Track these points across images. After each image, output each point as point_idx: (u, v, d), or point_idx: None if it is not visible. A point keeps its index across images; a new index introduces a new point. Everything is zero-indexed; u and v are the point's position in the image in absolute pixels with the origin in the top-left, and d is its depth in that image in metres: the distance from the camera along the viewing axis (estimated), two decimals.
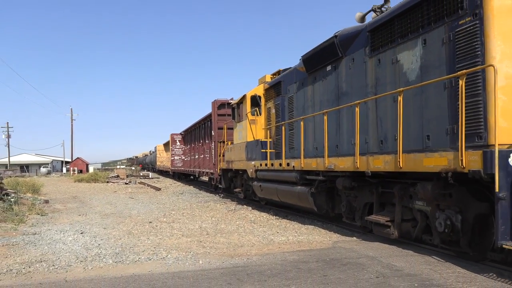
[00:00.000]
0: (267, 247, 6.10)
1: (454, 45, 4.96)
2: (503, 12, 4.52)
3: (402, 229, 5.74)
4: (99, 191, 20.33)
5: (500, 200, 4.06)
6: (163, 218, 9.45)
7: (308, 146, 8.21)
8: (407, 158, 5.30)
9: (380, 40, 6.29)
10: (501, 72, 4.50)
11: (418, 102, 5.49)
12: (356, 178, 6.58)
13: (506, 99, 4.47)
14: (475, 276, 4.21)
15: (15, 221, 8.92)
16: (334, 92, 7.51)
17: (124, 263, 5.24)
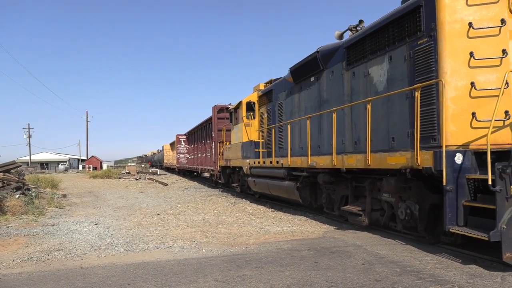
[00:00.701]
0: (264, 237, 6.13)
1: (414, 61, 5.28)
2: (453, 35, 4.83)
3: (372, 218, 6.09)
4: (112, 186, 20.45)
5: (447, 192, 4.40)
6: (170, 211, 9.48)
7: (295, 146, 8.54)
8: (374, 157, 5.63)
9: (355, 56, 6.60)
10: (451, 85, 4.83)
11: (385, 109, 5.81)
12: (334, 174, 6.93)
13: (455, 108, 4.79)
14: (451, 262, 4.32)
15: (35, 213, 9.02)
16: (317, 100, 7.83)
17: (134, 252, 5.29)
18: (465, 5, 4.85)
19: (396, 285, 3.65)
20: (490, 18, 4.80)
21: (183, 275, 4.10)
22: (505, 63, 4.73)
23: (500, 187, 3.95)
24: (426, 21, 5.10)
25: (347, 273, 4.06)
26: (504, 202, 3.95)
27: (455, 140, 4.74)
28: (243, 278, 3.95)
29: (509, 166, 3.97)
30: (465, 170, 4.43)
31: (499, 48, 4.75)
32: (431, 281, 3.72)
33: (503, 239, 3.90)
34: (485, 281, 3.68)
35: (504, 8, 4.78)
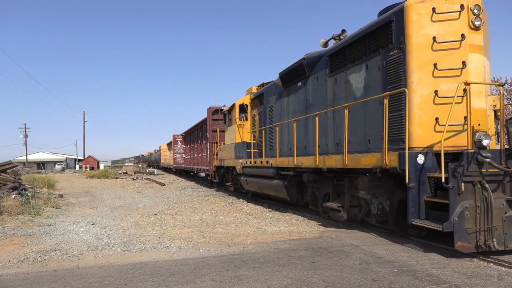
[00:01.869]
0: (261, 237, 6.17)
1: (386, 70, 5.89)
2: (419, 48, 5.45)
3: (350, 213, 6.71)
4: (109, 186, 20.47)
5: (410, 189, 5.02)
6: (167, 211, 9.52)
7: (284, 147, 9.15)
8: (351, 157, 6.24)
9: (336, 64, 7.22)
10: (417, 93, 5.45)
11: (362, 114, 6.42)
12: (317, 173, 7.55)
13: (421, 113, 5.41)
14: (449, 262, 4.41)
15: (32, 213, 8.95)
16: (304, 104, 8.43)
17: (131, 252, 5.30)
18: (430, 21, 5.46)
19: (393, 284, 3.69)
20: (452, 33, 5.41)
21: (180, 275, 4.14)
22: (464, 74, 5.34)
23: (453, 184, 4.56)
24: (397, 34, 5.71)
25: (344, 273, 4.10)
26: (456, 197, 4.56)
27: (421, 142, 5.35)
28: (241, 278, 3.99)
29: (459, 166, 4.57)
30: (427, 169, 5.04)
31: (459, 60, 5.37)
32: (428, 280, 3.78)
33: (455, 230, 4.52)
34: (481, 280, 3.76)
35: (464, 24, 5.39)
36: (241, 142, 11.63)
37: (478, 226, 4.56)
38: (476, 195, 4.62)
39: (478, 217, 4.57)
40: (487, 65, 5.57)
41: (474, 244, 4.57)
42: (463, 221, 4.54)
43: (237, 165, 11.90)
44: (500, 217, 4.67)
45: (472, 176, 4.64)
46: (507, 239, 4.67)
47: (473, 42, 5.38)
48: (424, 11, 5.47)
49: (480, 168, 4.67)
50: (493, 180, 4.77)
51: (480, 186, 4.63)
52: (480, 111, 5.35)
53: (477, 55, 5.40)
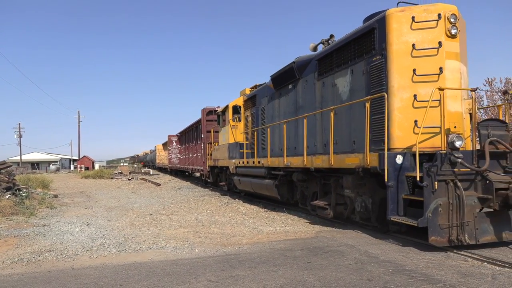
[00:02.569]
0: (257, 237, 6.22)
1: (370, 75, 6.26)
2: (400, 54, 5.82)
3: (336, 211, 7.08)
4: (104, 186, 20.55)
5: (389, 187, 5.39)
6: (163, 211, 9.58)
7: (275, 148, 9.50)
8: (336, 157, 6.61)
9: (324, 68, 7.58)
10: (397, 97, 5.81)
11: (348, 116, 6.78)
12: (306, 173, 7.91)
13: (401, 116, 5.77)
14: (443, 261, 4.49)
15: (26, 214, 8.97)
16: (294, 106, 8.79)
17: (126, 252, 5.32)
18: (409, 29, 5.83)
19: (389, 284, 3.74)
20: (430, 41, 5.78)
21: (176, 276, 4.17)
22: (441, 79, 5.72)
23: (427, 183, 4.93)
24: (379, 41, 6.07)
25: (340, 272, 4.14)
26: (430, 195, 4.93)
27: (401, 143, 5.71)
28: (236, 278, 4.02)
29: (433, 165, 4.94)
30: (405, 169, 5.40)
31: (436, 66, 5.74)
32: (423, 280, 3.83)
33: (429, 225, 4.88)
34: (476, 280, 3.83)
35: (441, 32, 5.77)
36: (234, 143, 11.99)
37: (451, 222, 4.93)
38: (449, 193, 4.99)
39: (451, 214, 4.94)
40: (463, 71, 5.95)
41: (447, 238, 4.94)
42: (436, 217, 4.90)
43: (230, 165, 12.25)
44: (472, 213, 5.04)
45: (446, 175, 5.01)
46: (478, 234, 5.05)
47: (449, 49, 5.75)
48: (404, 20, 5.84)
49: (453, 168, 5.04)
50: (465, 179, 5.15)
51: (453, 184, 5.01)
52: (456, 114, 5.73)
53: (453, 62, 5.77)
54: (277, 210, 9.38)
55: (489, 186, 5.08)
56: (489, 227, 5.15)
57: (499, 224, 5.19)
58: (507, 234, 5.22)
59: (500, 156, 5.41)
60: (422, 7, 5.90)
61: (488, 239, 5.13)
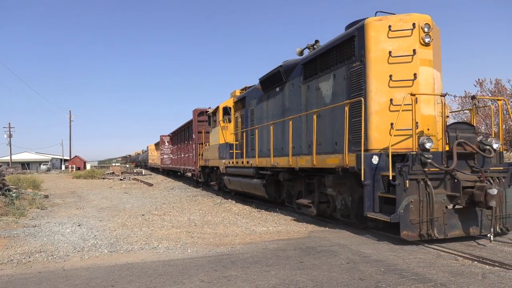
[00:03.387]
0: (250, 237, 6.27)
1: (350, 80, 6.67)
2: (377, 61, 6.25)
3: (320, 209, 7.51)
4: (96, 186, 20.56)
5: (366, 186, 5.81)
6: (155, 211, 9.64)
7: (263, 148, 9.90)
8: (318, 158, 7.02)
9: (309, 72, 7.99)
10: (375, 101, 6.23)
11: (331, 118, 7.19)
12: (292, 173, 8.32)
13: (378, 119, 6.19)
14: (434, 260, 4.58)
15: (16, 214, 8.91)
16: (281, 108, 9.19)
17: (118, 253, 5.34)
18: (386, 37, 6.26)
19: (380, 283, 3.80)
20: (405, 48, 6.22)
21: (168, 276, 4.19)
22: (416, 85, 6.16)
23: (399, 182, 5.36)
24: (358, 48, 6.49)
25: (332, 272, 4.20)
26: (402, 193, 5.36)
27: (378, 145, 6.13)
28: (229, 279, 4.05)
29: (405, 165, 5.36)
30: (380, 168, 5.82)
31: (411, 72, 6.18)
32: (414, 279, 3.91)
33: (401, 221, 5.31)
34: (466, 278, 3.92)
35: (416, 40, 6.21)
36: (224, 143, 12.37)
37: (421, 218, 5.37)
38: (420, 191, 5.42)
39: (421, 210, 5.38)
40: (436, 77, 6.39)
41: (417, 233, 5.37)
42: (408, 213, 5.33)
43: (220, 165, 12.63)
44: (441, 210, 5.49)
45: (417, 175, 5.44)
46: (447, 229, 5.50)
47: (423, 57, 6.19)
48: (382, 28, 6.27)
49: (423, 168, 5.48)
50: (435, 178, 5.59)
51: (423, 183, 5.44)
52: (429, 117, 6.17)
53: (427, 68, 6.21)
54: (270, 210, 9.50)
55: (457, 184, 5.53)
56: (457, 222, 5.60)
57: (466, 220, 5.65)
58: (474, 229, 5.68)
59: (468, 157, 5.86)
60: (398, 17, 6.34)
61: (457, 234, 5.58)
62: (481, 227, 5.69)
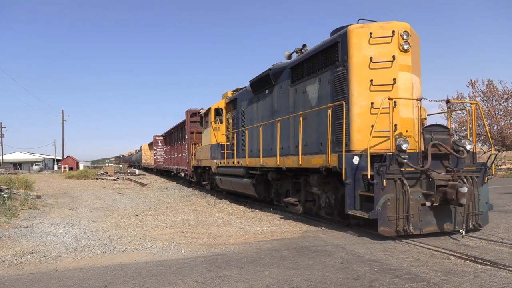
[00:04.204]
0: (244, 237, 6.33)
1: (334, 84, 7.08)
2: (359, 66, 6.66)
3: (306, 207, 7.91)
4: (89, 187, 20.64)
5: (347, 184, 6.22)
6: (149, 212, 9.71)
7: (253, 149, 10.29)
8: (303, 158, 7.43)
9: (296, 75, 8.39)
10: (357, 104, 6.64)
11: (316, 120, 7.59)
12: (280, 172, 8.72)
13: (360, 121, 6.60)
14: (427, 260, 4.70)
15: (8, 215, 8.87)
16: (270, 109, 9.58)
17: (111, 253, 5.36)
18: (368, 43, 6.67)
19: (374, 283, 3.85)
20: (385, 54, 6.63)
21: (162, 277, 4.22)
22: (395, 89, 6.58)
23: (377, 181, 5.76)
24: (342, 54, 6.90)
25: (326, 272, 4.24)
26: (380, 191, 5.77)
27: (360, 146, 6.54)
28: (223, 279, 4.09)
29: (382, 165, 5.77)
30: (361, 168, 6.22)
31: (391, 77, 6.60)
32: (407, 278, 3.98)
33: (379, 217, 5.73)
34: (458, 278, 4.00)
35: (395, 47, 6.62)
36: (216, 144, 12.77)
37: (398, 215, 5.79)
38: (396, 189, 5.84)
39: (398, 207, 5.80)
40: (415, 81, 6.81)
41: (394, 229, 5.79)
42: (385, 210, 5.75)
43: (212, 165, 13.01)
44: (417, 207, 5.91)
45: (393, 174, 5.85)
46: (422, 225, 5.92)
47: (402, 62, 6.61)
48: (363, 35, 6.68)
49: (400, 167, 5.89)
50: (412, 177, 6.02)
51: (400, 182, 5.85)
52: (407, 120, 6.58)
53: (405, 73, 6.63)
54: (264, 210, 9.62)
55: (432, 183, 5.96)
56: (432, 219, 6.03)
57: (441, 217, 6.08)
58: (448, 225, 6.12)
59: (443, 157, 6.29)
60: (379, 24, 6.75)
61: (431, 230, 6.01)
62: (455, 223, 6.13)
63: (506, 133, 26.54)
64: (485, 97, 28.17)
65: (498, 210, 8.66)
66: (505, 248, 5.27)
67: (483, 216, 6.34)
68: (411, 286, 3.78)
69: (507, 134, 26.49)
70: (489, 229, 6.45)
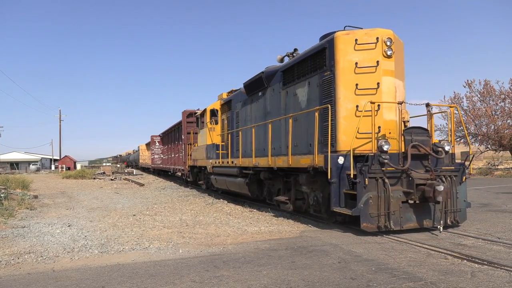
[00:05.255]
0: (242, 237, 6.40)
1: (322, 88, 7.54)
2: (345, 71, 7.12)
3: (296, 205, 8.37)
4: (86, 187, 20.81)
5: (332, 183, 6.67)
6: (146, 212, 9.81)
7: (247, 149, 10.76)
8: (293, 158, 7.89)
9: (288, 78, 8.85)
10: (343, 107, 7.10)
11: (306, 122, 8.04)
12: (271, 172, 9.18)
13: (346, 123, 7.05)
14: (425, 259, 4.77)
15: (4, 215, 8.93)
16: (263, 111, 10.04)
17: (109, 253, 5.40)
18: (353, 49, 7.13)
19: (372, 282, 3.90)
20: (369, 60, 7.08)
21: (159, 277, 4.26)
22: (379, 93, 7.04)
23: (359, 179, 6.22)
24: (329, 59, 7.35)
25: (323, 272, 4.29)
26: (362, 190, 6.23)
27: (345, 146, 6.99)
28: (221, 279, 4.13)
29: (364, 165, 6.23)
30: (346, 168, 6.68)
31: (375, 81, 7.05)
32: (405, 278, 4.03)
33: (361, 214, 6.19)
34: (455, 277, 4.06)
35: (379, 53, 7.08)
36: (211, 144, 13.24)
37: (379, 211, 6.24)
38: (378, 188, 6.29)
39: (379, 205, 6.26)
40: (398, 85, 7.26)
41: (376, 225, 6.25)
42: (367, 208, 6.20)
43: (208, 165, 13.50)
44: (397, 204, 6.37)
45: (375, 173, 6.31)
46: (402, 221, 6.39)
47: (386, 68, 7.07)
48: (349, 42, 7.14)
49: (381, 167, 6.35)
50: (393, 176, 6.48)
51: (381, 180, 6.31)
52: (391, 122, 7.04)
53: (389, 78, 7.09)
54: (261, 210, 9.78)
55: (411, 182, 6.43)
56: (412, 216, 6.49)
57: (421, 214, 6.55)
58: (427, 222, 6.58)
59: (423, 158, 6.76)
60: (364, 31, 7.21)
61: (411, 226, 6.47)
62: (433, 220, 6.59)
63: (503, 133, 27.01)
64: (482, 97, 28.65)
65: (495, 209, 9.00)
66: (502, 247, 5.39)
67: (461, 213, 6.81)
68: (409, 286, 3.82)
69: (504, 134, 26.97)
70: (486, 229, 6.68)
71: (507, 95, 27.30)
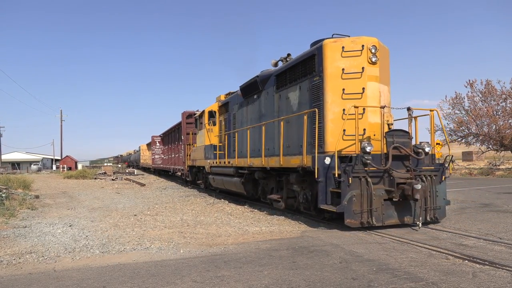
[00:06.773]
0: (243, 237, 6.48)
1: (311, 92, 8.13)
2: (333, 77, 7.71)
3: (288, 203, 8.97)
4: (87, 187, 21.09)
5: (319, 182, 7.25)
6: (147, 211, 9.94)
7: (243, 149, 11.39)
8: (284, 159, 8.49)
9: (281, 82, 9.45)
10: (331, 110, 7.68)
11: (297, 124, 8.64)
12: (265, 172, 9.80)
13: (333, 126, 7.64)
14: (426, 260, 4.81)
15: (6, 215, 9.04)
16: (258, 113, 10.65)
17: (110, 253, 5.46)
18: (340, 56, 7.71)
19: (373, 283, 3.92)
20: (355, 66, 7.67)
21: (161, 277, 4.30)
22: (364, 97, 7.62)
23: (343, 179, 6.81)
24: (318, 65, 7.94)
25: (324, 272, 4.33)
26: (346, 188, 6.82)
27: (333, 148, 7.57)
28: (222, 279, 4.16)
29: (348, 165, 6.82)
30: (332, 168, 7.26)
31: (360, 86, 7.64)
32: (406, 278, 4.05)
33: (345, 211, 6.78)
34: (457, 277, 4.08)
35: (364, 59, 7.67)
36: (209, 145, 13.90)
37: (362, 208, 6.82)
38: (361, 186, 6.87)
39: (362, 202, 6.84)
40: (383, 90, 7.84)
41: (359, 221, 6.83)
42: (351, 205, 6.79)
43: (206, 165, 14.15)
44: (380, 202, 6.95)
45: (359, 173, 6.90)
46: (384, 218, 6.97)
47: (371, 73, 7.65)
48: (336, 49, 7.72)
49: (364, 167, 6.93)
50: (375, 176, 7.07)
51: (364, 179, 6.89)
52: (375, 125, 7.62)
53: (374, 83, 7.67)
54: (262, 210, 9.98)
55: (393, 181, 7.01)
56: (394, 212, 7.07)
57: (402, 211, 7.13)
58: (408, 218, 7.17)
59: (404, 158, 7.34)
60: (350, 39, 7.79)
61: (393, 222, 7.06)
62: (414, 216, 7.18)
63: (504, 133, 27.46)
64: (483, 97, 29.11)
65: (497, 210, 9.23)
66: (504, 248, 5.46)
67: (440, 210, 7.39)
68: (410, 286, 3.86)
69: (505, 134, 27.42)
70: (487, 229, 6.82)
71: (508, 95, 27.73)
